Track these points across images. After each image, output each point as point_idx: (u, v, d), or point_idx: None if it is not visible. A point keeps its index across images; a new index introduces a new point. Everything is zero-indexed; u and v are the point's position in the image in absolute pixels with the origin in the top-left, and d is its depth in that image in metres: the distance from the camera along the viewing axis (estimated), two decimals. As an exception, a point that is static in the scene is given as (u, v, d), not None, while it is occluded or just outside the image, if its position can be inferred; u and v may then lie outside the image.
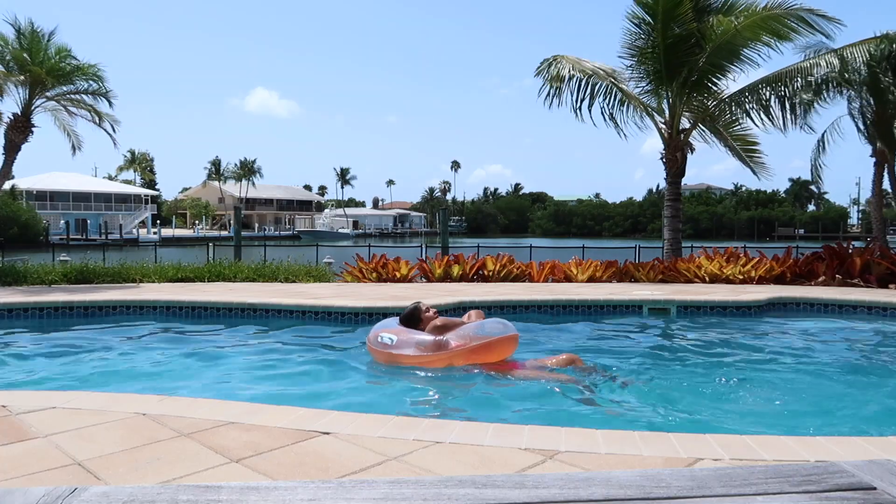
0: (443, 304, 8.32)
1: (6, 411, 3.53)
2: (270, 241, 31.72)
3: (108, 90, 13.50)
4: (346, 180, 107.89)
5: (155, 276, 11.46)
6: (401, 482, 1.27)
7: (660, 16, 12.64)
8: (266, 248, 16.02)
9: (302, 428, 3.20)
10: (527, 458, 2.81)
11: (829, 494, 1.21)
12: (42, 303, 8.45)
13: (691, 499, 1.21)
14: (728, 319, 8.67)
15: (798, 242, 23.93)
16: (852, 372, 6.18)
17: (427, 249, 16.31)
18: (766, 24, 12.48)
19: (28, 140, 13.01)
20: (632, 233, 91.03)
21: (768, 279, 11.59)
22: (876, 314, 8.84)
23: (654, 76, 13.69)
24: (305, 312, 8.31)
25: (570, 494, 1.22)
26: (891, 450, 2.89)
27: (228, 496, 1.21)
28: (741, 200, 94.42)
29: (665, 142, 14.16)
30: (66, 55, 12.83)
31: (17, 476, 2.65)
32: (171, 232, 65.25)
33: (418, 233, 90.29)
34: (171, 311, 8.61)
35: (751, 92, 13.66)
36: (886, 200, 19.40)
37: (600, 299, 9.17)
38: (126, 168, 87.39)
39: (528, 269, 12.36)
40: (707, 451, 2.84)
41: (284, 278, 11.87)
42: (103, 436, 3.13)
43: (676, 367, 6.16)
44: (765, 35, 12.71)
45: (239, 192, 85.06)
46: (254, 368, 6.02)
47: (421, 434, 3.11)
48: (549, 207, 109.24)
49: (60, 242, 40.65)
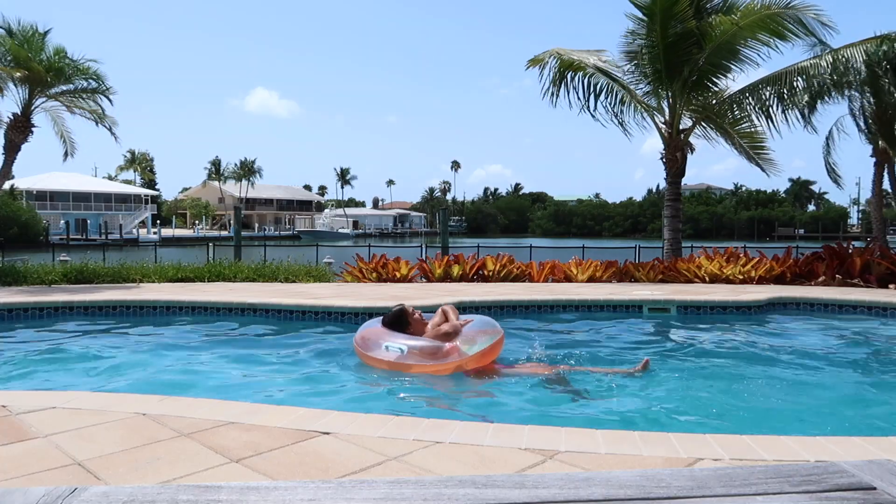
0: (443, 305, 8.31)
1: (6, 411, 3.53)
2: (270, 241, 31.73)
3: (107, 87, 13.48)
4: (346, 180, 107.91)
5: (155, 276, 11.47)
6: (401, 482, 1.27)
7: (658, 15, 12.64)
8: (266, 248, 16.02)
9: (302, 428, 3.20)
10: (527, 458, 2.81)
11: (829, 494, 1.21)
12: (42, 303, 8.45)
13: (691, 499, 1.21)
14: (728, 319, 8.67)
15: (798, 242, 23.94)
16: (852, 372, 6.19)
17: (427, 249, 16.31)
18: (764, 23, 12.47)
19: (28, 140, 13.02)
20: (632, 233, 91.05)
21: (768, 279, 11.59)
22: (876, 314, 8.84)
23: (654, 76, 13.69)
24: (305, 312, 8.31)
25: (570, 494, 1.22)
26: (891, 450, 2.89)
27: (228, 496, 1.21)
28: (741, 200, 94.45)
29: (665, 142, 14.16)
30: (63, 56, 12.83)
31: (17, 476, 2.65)
32: (171, 232, 65.27)
33: (418, 233, 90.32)
34: (171, 311, 8.61)
35: (751, 92, 13.67)
36: (886, 200, 19.41)
37: (600, 299, 9.17)
38: (126, 168, 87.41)
39: (528, 269, 12.36)
40: (707, 451, 2.84)
41: (284, 278, 11.87)
42: (103, 436, 3.13)
43: (676, 366, 6.15)
44: (764, 34, 12.70)
45: (239, 192, 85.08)
46: (254, 368, 6.02)
47: (421, 434, 3.11)
48: (549, 207, 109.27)
49: (60, 242, 40.66)
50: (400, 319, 5.68)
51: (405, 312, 5.74)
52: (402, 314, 5.72)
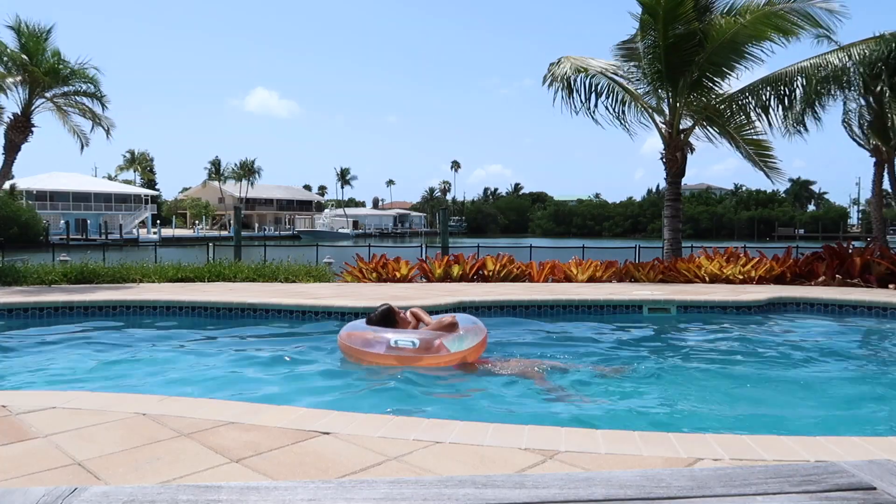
0: (443, 304, 8.32)
1: (6, 411, 3.53)
2: (270, 241, 31.73)
3: (102, 94, 13.58)
4: (346, 180, 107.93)
5: (155, 276, 11.47)
6: (401, 482, 1.27)
7: (661, 16, 12.63)
8: (266, 248, 16.02)
9: (302, 428, 3.20)
10: (527, 458, 2.81)
11: (829, 494, 1.21)
12: (42, 303, 8.45)
13: (691, 499, 1.21)
14: (728, 319, 8.67)
15: (798, 242, 23.93)
16: (852, 372, 6.18)
17: (427, 249, 16.31)
18: (768, 19, 12.45)
19: (28, 140, 13.02)
20: (632, 233, 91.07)
21: (768, 279, 11.59)
22: (876, 314, 8.84)
23: (655, 76, 13.69)
24: (305, 312, 8.31)
25: (570, 494, 1.22)
26: (891, 450, 2.89)
27: (228, 496, 1.21)
28: (741, 200, 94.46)
29: (665, 142, 14.16)
30: (59, 58, 12.84)
31: (17, 476, 2.65)
32: (171, 232, 65.27)
33: (418, 233, 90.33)
34: (171, 311, 8.61)
35: (751, 92, 13.66)
36: (886, 200, 19.38)
37: (600, 299, 9.17)
38: (126, 168, 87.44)
39: (528, 269, 12.36)
40: (707, 451, 2.84)
41: (284, 278, 11.87)
42: (103, 436, 3.13)
43: (676, 366, 6.16)
44: (768, 31, 12.66)
45: (239, 192, 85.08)
46: (254, 368, 6.02)
47: (421, 434, 3.11)
48: (549, 207, 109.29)
49: (60, 242, 40.66)
50: (387, 317, 5.90)
51: (392, 311, 5.97)
52: (389, 312, 5.94)
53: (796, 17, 12.34)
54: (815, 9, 12.13)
